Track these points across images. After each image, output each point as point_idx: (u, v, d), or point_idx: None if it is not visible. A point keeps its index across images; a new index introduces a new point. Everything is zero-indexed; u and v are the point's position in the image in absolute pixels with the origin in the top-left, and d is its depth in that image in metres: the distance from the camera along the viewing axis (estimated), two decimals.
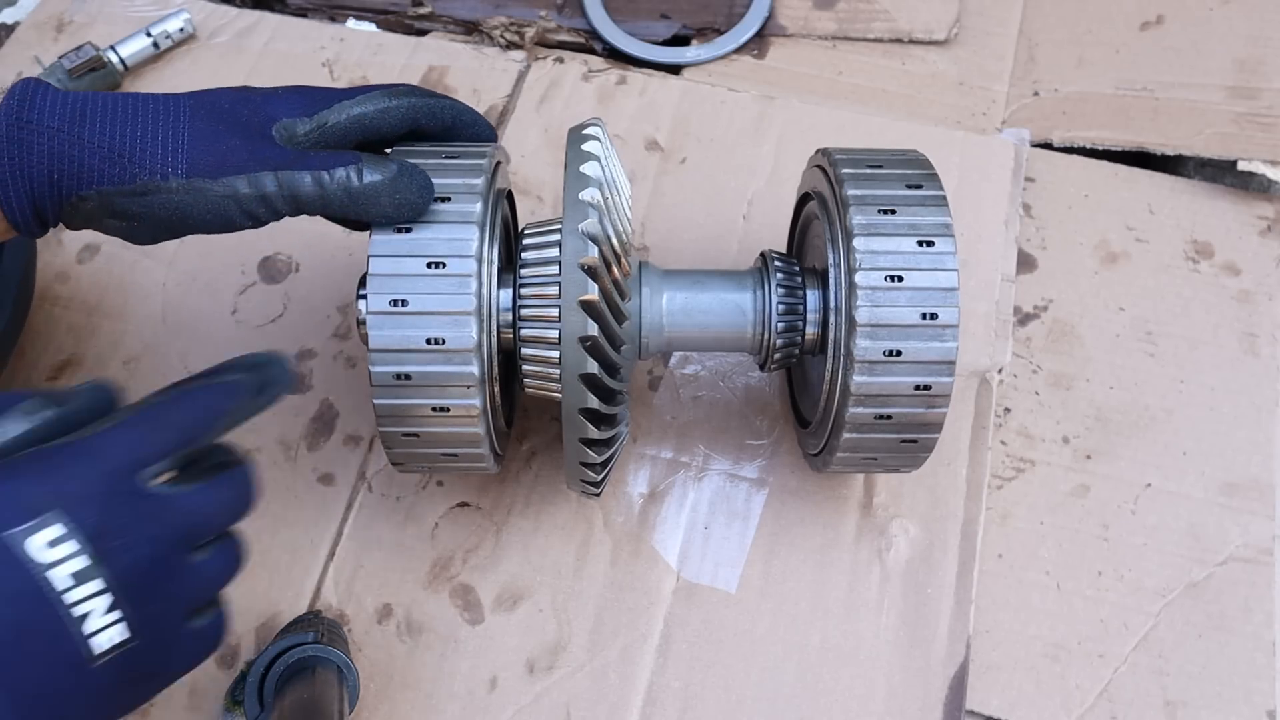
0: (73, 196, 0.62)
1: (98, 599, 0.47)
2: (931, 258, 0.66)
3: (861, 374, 0.66)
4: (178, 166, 0.62)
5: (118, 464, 0.49)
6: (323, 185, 0.63)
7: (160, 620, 0.50)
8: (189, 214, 0.63)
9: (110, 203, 0.62)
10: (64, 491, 0.47)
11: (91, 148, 0.62)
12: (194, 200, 0.62)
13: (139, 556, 0.49)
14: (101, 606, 0.47)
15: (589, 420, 0.66)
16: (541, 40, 1.05)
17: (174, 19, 1.04)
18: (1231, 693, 0.79)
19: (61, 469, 0.48)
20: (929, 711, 0.78)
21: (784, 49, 1.05)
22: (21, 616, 0.45)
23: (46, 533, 0.46)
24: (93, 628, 0.47)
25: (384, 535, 0.84)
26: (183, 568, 0.51)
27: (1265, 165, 0.96)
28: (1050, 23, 1.06)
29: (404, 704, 0.78)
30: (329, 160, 0.64)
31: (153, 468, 0.50)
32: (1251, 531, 0.84)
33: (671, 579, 0.82)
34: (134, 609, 0.48)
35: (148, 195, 0.62)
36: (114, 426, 0.50)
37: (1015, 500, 0.85)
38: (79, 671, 0.47)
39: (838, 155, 0.71)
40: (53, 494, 0.47)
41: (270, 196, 0.63)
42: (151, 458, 0.50)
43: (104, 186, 0.62)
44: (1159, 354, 0.91)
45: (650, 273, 0.75)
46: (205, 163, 0.62)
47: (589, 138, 0.68)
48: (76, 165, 0.61)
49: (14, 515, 0.45)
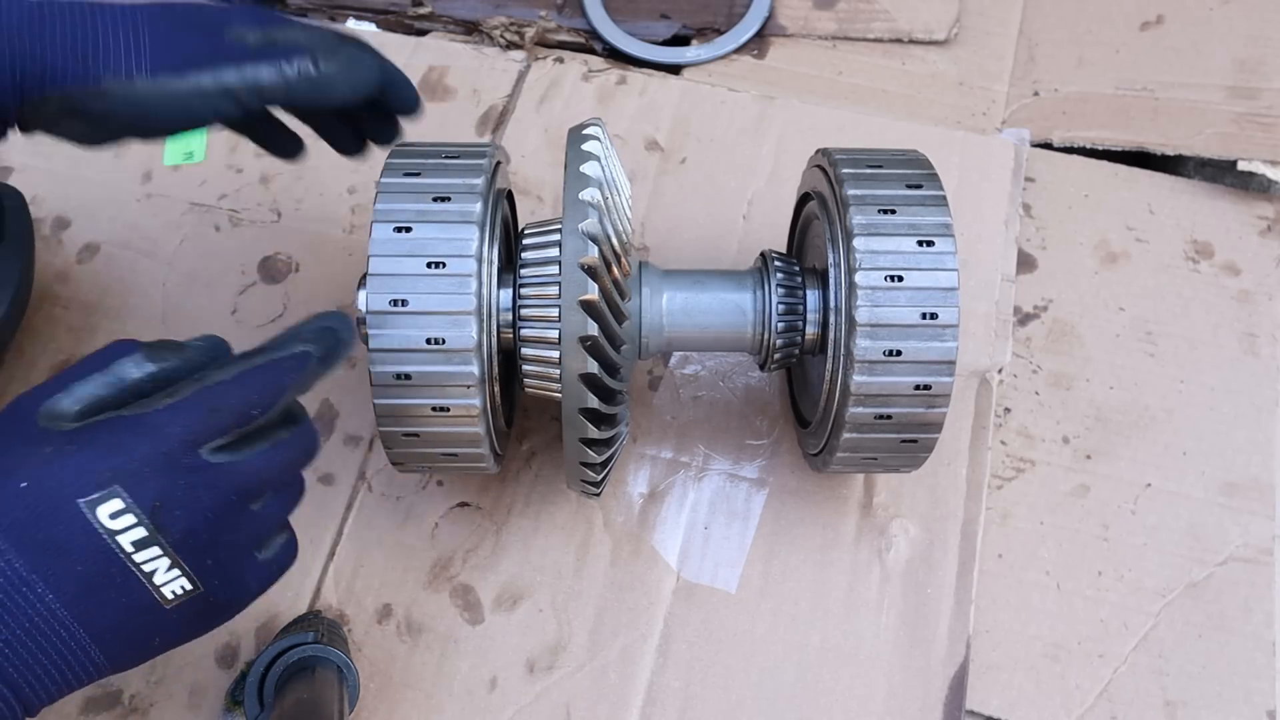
0: (35, 97, 0.62)
1: (159, 560, 0.53)
2: (931, 258, 0.66)
3: (861, 374, 0.66)
4: (142, 65, 0.64)
5: (176, 442, 0.53)
6: (284, 74, 0.66)
7: (225, 566, 0.56)
8: (154, 112, 0.64)
9: (73, 103, 0.63)
10: (125, 468, 0.51)
11: (55, 47, 0.62)
12: (159, 98, 0.64)
13: (195, 523, 0.53)
14: (164, 566, 0.53)
15: (589, 420, 0.66)
16: (541, 40, 1.05)
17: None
18: (1231, 693, 0.79)
19: (124, 446, 0.52)
20: (929, 711, 0.78)
21: (784, 49, 1.05)
22: (97, 570, 0.52)
23: (110, 505, 0.51)
24: (159, 581, 0.53)
25: (384, 535, 0.84)
26: (241, 519, 0.56)
27: (1265, 165, 0.96)
28: (1050, 23, 1.06)
29: (404, 704, 0.78)
30: (286, 53, 0.67)
31: (212, 443, 0.54)
32: (1251, 531, 0.84)
33: (671, 579, 0.82)
34: (195, 565, 0.54)
35: (113, 94, 0.63)
36: (177, 403, 0.54)
37: (1015, 500, 0.85)
38: (154, 612, 0.54)
39: (838, 155, 0.71)
40: (115, 469, 0.51)
41: (234, 89, 0.65)
42: (209, 435, 0.54)
43: (68, 85, 0.62)
44: (1159, 354, 0.91)
45: (650, 273, 0.75)
46: (169, 60, 0.64)
47: (589, 138, 0.68)
48: (40, 65, 0.62)
49: (85, 487, 0.51)
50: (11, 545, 0.50)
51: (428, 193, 0.67)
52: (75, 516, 0.51)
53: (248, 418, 0.55)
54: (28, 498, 0.51)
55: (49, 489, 0.51)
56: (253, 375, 0.56)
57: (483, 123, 1.00)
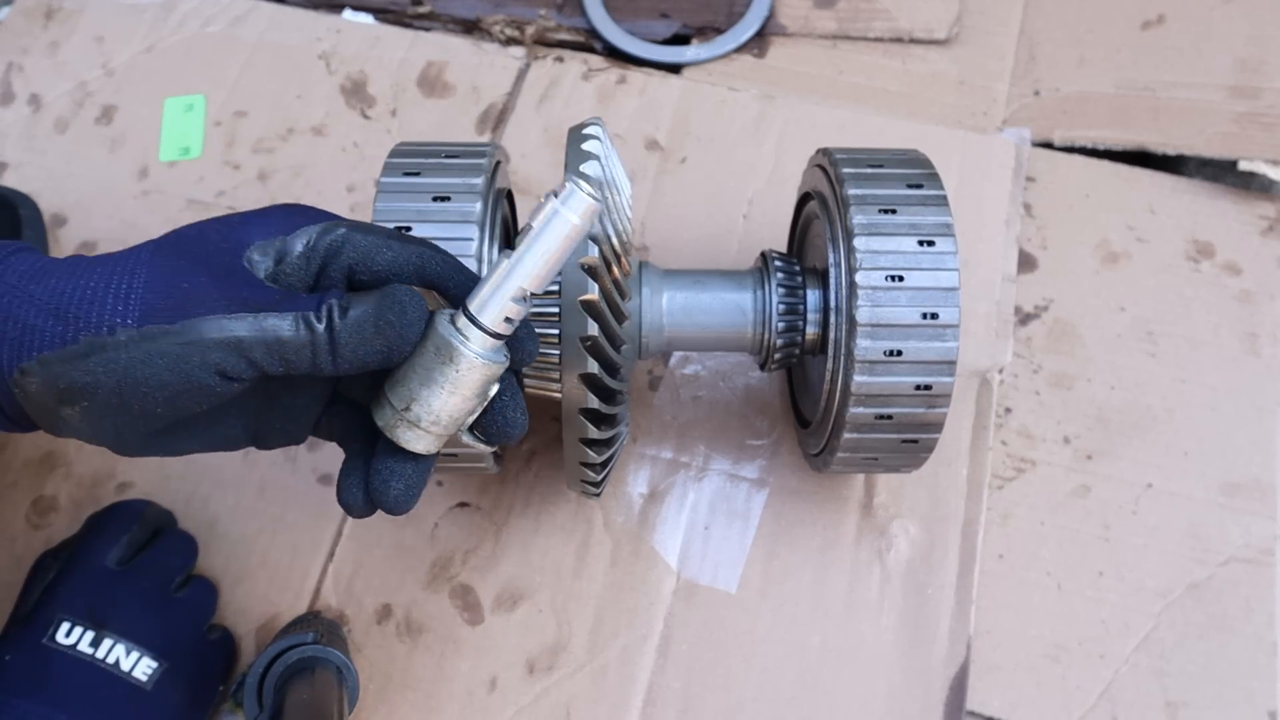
0: (15, 371, 0.48)
1: (115, 649, 0.71)
2: (932, 257, 0.65)
3: (862, 374, 0.66)
4: (128, 314, 0.49)
5: (87, 563, 0.75)
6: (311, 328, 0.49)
7: (179, 641, 0.73)
8: (141, 377, 0.48)
9: (54, 376, 0.48)
10: (60, 602, 0.72)
11: (38, 305, 0.49)
12: (147, 356, 0.48)
13: (127, 611, 0.72)
14: (121, 653, 0.71)
15: (589, 420, 0.66)
16: (541, 39, 1.05)
17: None
18: (1232, 693, 0.79)
19: (55, 592, 0.73)
20: (929, 712, 0.77)
21: (784, 48, 1.05)
22: (85, 683, 0.69)
23: (60, 629, 0.71)
24: (126, 668, 0.70)
25: (384, 535, 0.83)
26: (170, 602, 0.75)
27: (1266, 165, 0.95)
28: (1051, 22, 1.06)
29: (403, 704, 0.78)
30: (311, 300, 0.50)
31: (110, 554, 0.75)
32: (1253, 532, 0.84)
33: (671, 579, 0.82)
34: (147, 641, 0.72)
35: (91, 356, 0.48)
36: (76, 551, 0.77)
37: (1016, 500, 0.85)
38: (138, 695, 0.70)
39: (838, 155, 0.71)
40: (54, 608, 0.72)
41: (245, 344, 0.48)
42: (105, 548, 0.76)
43: (44, 351, 0.48)
44: (1160, 354, 0.91)
45: (650, 273, 0.74)
46: (161, 305, 0.49)
47: (589, 137, 0.67)
48: (20, 327, 0.49)
49: (43, 629, 0.71)
50: (22, 699, 0.68)
51: (427, 192, 0.67)
52: (49, 653, 0.70)
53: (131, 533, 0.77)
54: (14, 662, 0.70)
55: (22, 644, 0.70)
56: None
57: (482, 121, 1.00)
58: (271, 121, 1.00)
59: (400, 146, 0.72)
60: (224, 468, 0.85)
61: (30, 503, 0.85)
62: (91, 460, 0.86)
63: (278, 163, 0.98)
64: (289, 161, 0.98)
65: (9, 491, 0.86)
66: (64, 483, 0.86)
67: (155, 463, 0.84)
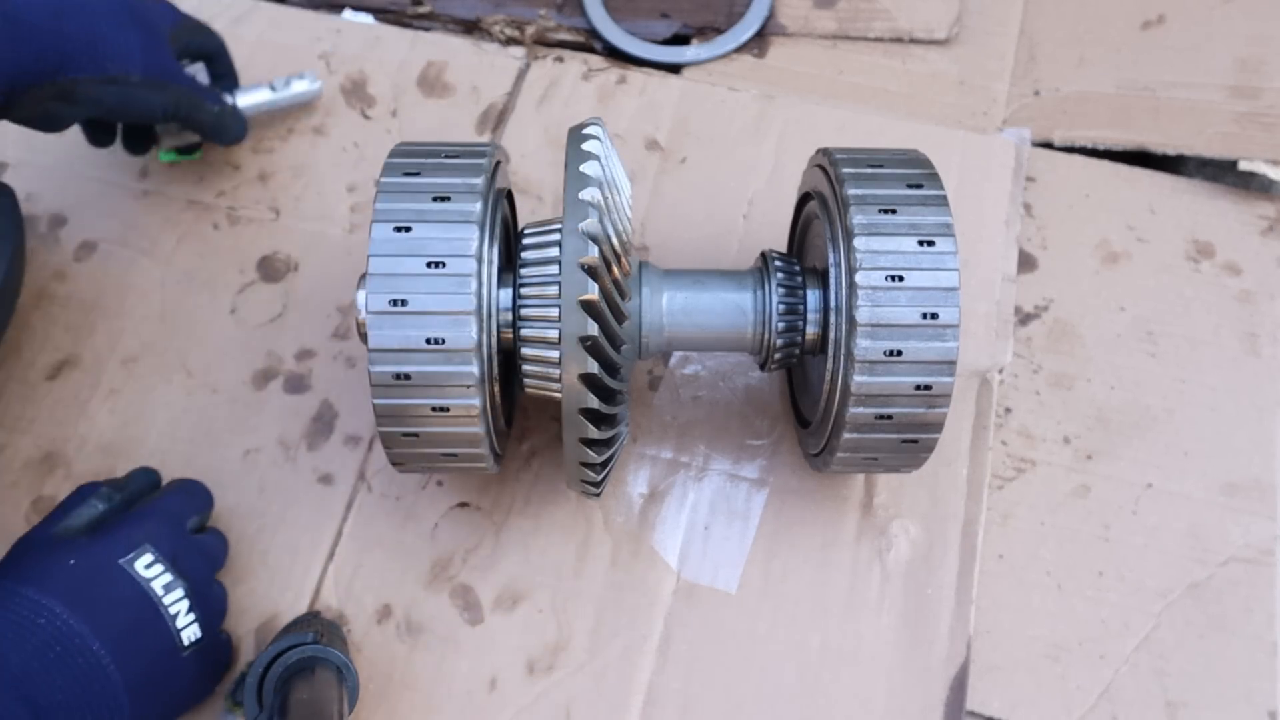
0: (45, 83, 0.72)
1: (180, 603, 0.71)
2: (932, 257, 0.65)
3: (862, 374, 0.66)
4: (136, 64, 0.77)
5: (176, 519, 0.75)
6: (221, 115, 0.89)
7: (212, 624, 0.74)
8: (133, 105, 0.79)
9: (73, 89, 0.74)
10: (148, 535, 0.72)
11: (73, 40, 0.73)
12: (143, 95, 0.79)
13: (197, 575, 0.73)
14: (183, 609, 0.71)
15: (589, 420, 0.66)
16: (541, 39, 1.05)
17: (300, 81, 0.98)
18: (1232, 693, 0.79)
19: (141, 522, 0.73)
20: (929, 712, 0.77)
21: (784, 48, 1.05)
22: (135, 615, 0.69)
23: (144, 559, 0.71)
24: (180, 625, 0.70)
25: (384, 535, 0.83)
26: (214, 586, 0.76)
27: (1266, 165, 0.95)
28: (1051, 22, 1.06)
29: (403, 704, 0.78)
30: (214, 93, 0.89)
31: (191, 520, 0.77)
32: (1253, 532, 0.84)
33: (671, 579, 0.82)
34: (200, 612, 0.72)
35: (113, 85, 0.76)
36: (167, 494, 0.78)
37: (1016, 500, 0.85)
38: (173, 658, 0.70)
39: (838, 155, 0.71)
40: (143, 535, 0.72)
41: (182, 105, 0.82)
42: (189, 516, 0.77)
43: (78, 74, 0.74)
44: (1160, 354, 0.91)
45: (650, 273, 0.74)
46: (157, 66, 0.80)
47: (589, 137, 0.67)
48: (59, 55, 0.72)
49: (124, 550, 0.71)
50: (66, 607, 0.65)
51: (427, 192, 0.67)
52: (118, 573, 0.69)
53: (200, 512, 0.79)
54: (76, 570, 0.68)
55: (94, 558, 0.69)
56: (188, 485, 0.81)
57: (482, 121, 1.00)
58: (271, 121, 1.00)
59: (400, 146, 0.72)
60: (224, 468, 0.86)
61: (30, 503, 0.85)
62: (92, 460, 0.86)
63: (278, 163, 0.98)
64: (289, 161, 0.98)
65: (9, 491, 0.86)
66: (64, 483, 0.86)
67: (156, 462, 0.84)
